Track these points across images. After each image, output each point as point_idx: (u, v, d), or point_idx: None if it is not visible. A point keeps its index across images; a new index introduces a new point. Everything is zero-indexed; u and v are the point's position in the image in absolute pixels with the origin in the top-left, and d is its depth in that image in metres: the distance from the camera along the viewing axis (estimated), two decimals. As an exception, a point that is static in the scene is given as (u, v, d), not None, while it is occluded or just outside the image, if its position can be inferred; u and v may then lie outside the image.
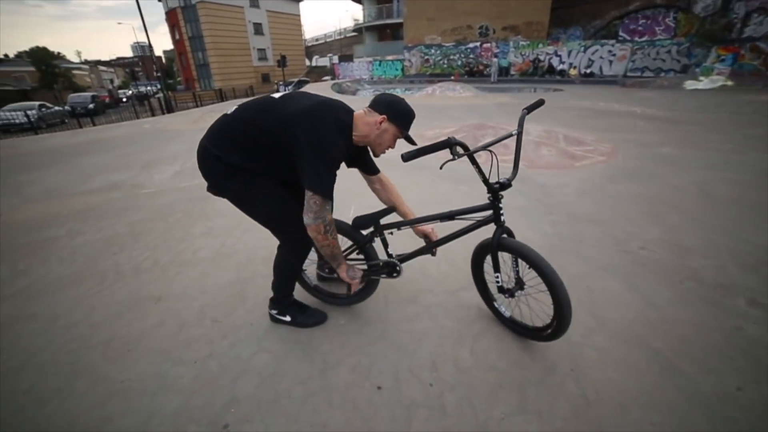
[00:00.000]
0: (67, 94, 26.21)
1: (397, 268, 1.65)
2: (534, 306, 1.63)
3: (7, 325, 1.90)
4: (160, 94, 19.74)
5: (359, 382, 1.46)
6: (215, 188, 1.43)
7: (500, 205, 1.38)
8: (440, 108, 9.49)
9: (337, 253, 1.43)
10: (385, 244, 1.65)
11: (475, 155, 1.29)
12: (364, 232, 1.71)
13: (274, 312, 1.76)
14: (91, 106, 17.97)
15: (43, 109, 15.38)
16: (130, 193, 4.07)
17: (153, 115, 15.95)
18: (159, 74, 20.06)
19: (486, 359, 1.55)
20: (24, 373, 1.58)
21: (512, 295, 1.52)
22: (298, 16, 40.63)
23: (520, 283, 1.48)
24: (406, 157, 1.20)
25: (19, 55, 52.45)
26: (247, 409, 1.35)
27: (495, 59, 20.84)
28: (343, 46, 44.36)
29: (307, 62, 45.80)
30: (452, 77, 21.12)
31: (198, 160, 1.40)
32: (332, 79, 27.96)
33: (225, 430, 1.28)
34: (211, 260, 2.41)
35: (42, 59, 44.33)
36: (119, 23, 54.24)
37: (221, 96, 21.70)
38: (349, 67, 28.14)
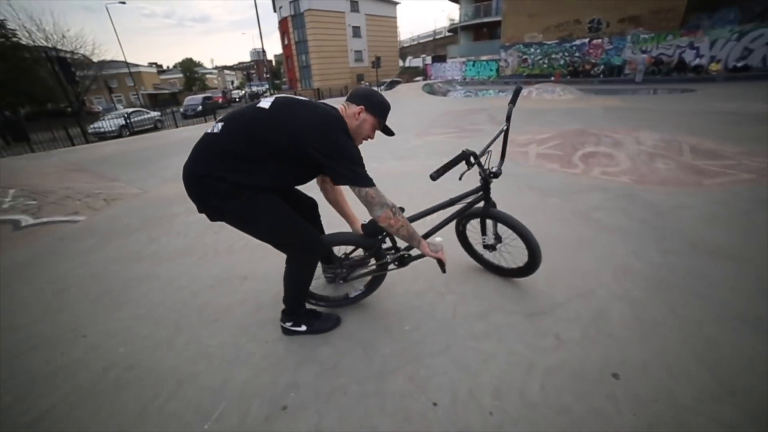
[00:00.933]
0: (200, 94, 31.31)
1: (405, 257, 1.78)
2: (513, 253, 1.99)
3: (141, 280, 2.36)
4: (268, 93, 22.30)
5: (415, 393, 1.41)
6: (214, 212, 1.38)
7: (490, 188, 1.74)
8: (536, 112, 8.76)
9: (413, 231, 1.47)
10: (394, 242, 1.76)
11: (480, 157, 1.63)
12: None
13: (288, 324, 1.71)
14: (199, 108, 19.45)
15: (133, 117, 14.97)
16: None
17: None
18: (268, 75, 22.77)
19: (559, 398, 1.35)
20: (144, 321, 1.92)
21: (494, 249, 1.96)
22: (395, 18, 41.86)
23: (498, 239, 1.92)
24: (435, 176, 1.51)
25: (175, 66, 65.15)
26: (305, 396, 1.42)
27: (643, 54, 17.65)
28: (437, 46, 44.17)
29: (401, 63, 46.88)
30: (552, 78, 19.35)
31: (189, 187, 1.34)
32: (424, 79, 28.07)
33: (284, 411, 1.36)
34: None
35: (188, 67, 54.96)
36: (243, 33, 62.80)
37: (318, 95, 23.66)
38: (441, 68, 27.92)
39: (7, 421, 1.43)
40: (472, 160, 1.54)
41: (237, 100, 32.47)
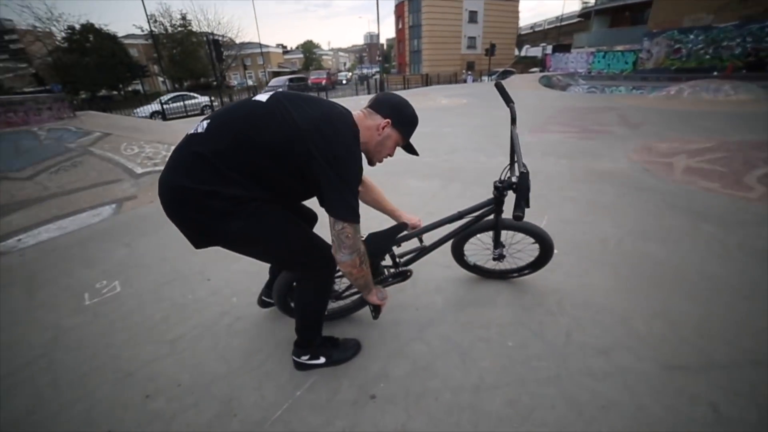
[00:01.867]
0: (317, 71, 33.94)
1: (408, 274, 1.66)
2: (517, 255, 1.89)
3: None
4: (377, 76, 23.00)
5: (515, 421, 1.25)
6: (203, 235, 1.12)
7: (504, 199, 1.57)
8: (687, 115, 7.16)
9: (370, 280, 1.29)
10: (392, 255, 1.61)
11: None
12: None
13: (304, 359, 1.46)
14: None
15: (171, 103, 15.02)
16: None
17: (369, 93, 19.09)
18: (380, 59, 23.39)
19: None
20: (255, 279, 2.13)
21: (503, 257, 1.81)
22: (517, 2, 38.59)
23: (503, 245, 1.78)
24: (519, 216, 1.20)
25: (297, 47, 72.37)
26: (395, 391, 1.38)
27: None
28: (561, 34, 39.59)
29: (516, 52, 43.41)
30: (715, 72, 15.56)
31: (168, 204, 1.08)
32: (541, 71, 25.57)
33: (372, 400, 1.35)
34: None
35: (308, 48, 60.78)
36: (360, 17, 65.85)
37: (426, 80, 23.47)
38: (563, 59, 24.96)
39: (155, 337, 1.73)
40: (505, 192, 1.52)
41: (344, 82, 33.42)
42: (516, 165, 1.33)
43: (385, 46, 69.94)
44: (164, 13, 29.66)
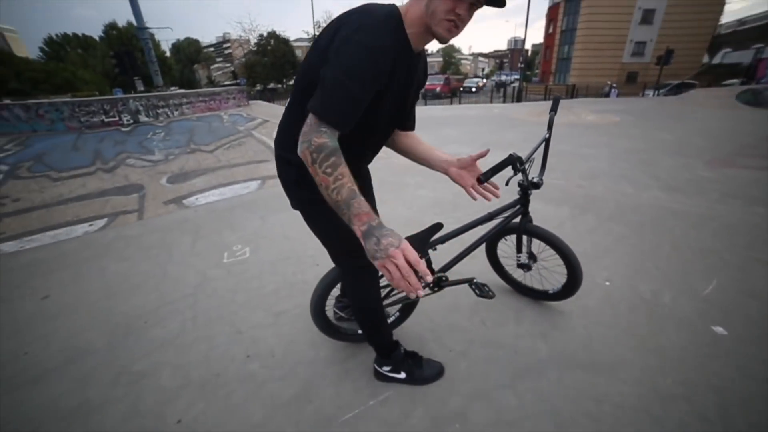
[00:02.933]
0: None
1: (443, 280, 1.56)
2: (545, 275, 1.81)
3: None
4: (515, 84, 21.60)
5: None
6: (294, 203, 1.13)
7: (529, 200, 1.55)
8: None
9: (341, 200, 0.77)
10: (429, 261, 1.45)
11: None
12: None
13: (386, 369, 1.43)
14: None
15: None
16: None
17: (504, 101, 18.02)
18: (522, 66, 21.92)
19: None
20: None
21: (529, 268, 1.76)
22: (722, -7, 30.39)
23: (533, 257, 1.73)
24: (483, 179, 1.23)
25: (438, 51, 74.39)
26: (471, 438, 1.23)
27: None
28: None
29: (706, 59, 34.60)
30: None
31: (278, 174, 1.12)
32: (744, 82, 19.45)
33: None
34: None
35: (447, 52, 61.66)
36: (506, 21, 62.76)
37: (572, 92, 20.92)
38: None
39: (264, 305, 1.98)
40: (518, 165, 1.37)
41: (473, 90, 28.22)
42: (543, 169, 1.48)
43: (529, 53, 65.58)
44: (327, 19, 34.64)
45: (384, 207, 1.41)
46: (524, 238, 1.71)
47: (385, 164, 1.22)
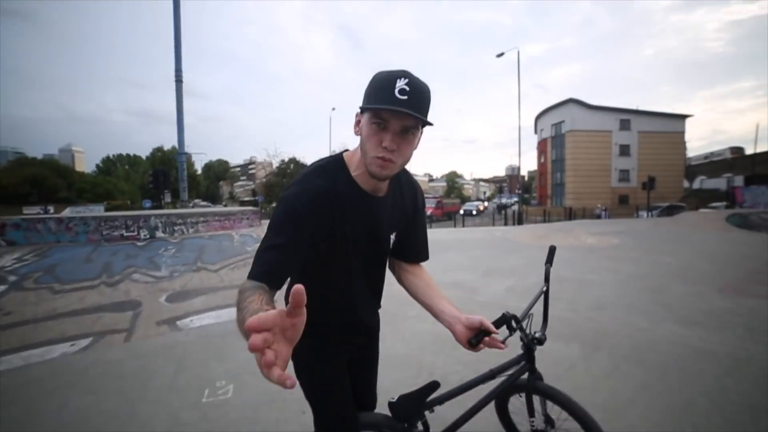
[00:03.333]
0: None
1: None
2: None
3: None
4: (515, 207, 23.13)
5: None
6: None
7: (534, 356, 1.37)
8: None
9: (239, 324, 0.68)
10: (426, 425, 1.30)
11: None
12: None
13: None
14: None
15: None
16: (467, 296, 4.60)
17: (505, 224, 18.92)
18: (520, 190, 23.77)
19: None
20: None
21: None
22: (681, 133, 35.32)
23: (550, 422, 1.44)
24: (474, 342, 1.04)
25: (442, 176, 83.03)
26: None
27: None
28: (758, 163, 32.67)
29: (686, 184, 37.63)
30: None
31: None
32: (727, 207, 20.89)
33: None
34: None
35: (450, 178, 69.49)
36: (503, 152, 72.20)
37: (569, 214, 22.14)
38: (763, 193, 19.93)
39: None
40: (513, 324, 1.22)
41: (473, 213, 29.39)
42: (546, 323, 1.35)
43: (526, 178, 72.57)
44: (341, 146, 40.14)
45: (380, 342, 1.30)
46: (535, 399, 1.49)
47: (385, 292, 1.15)
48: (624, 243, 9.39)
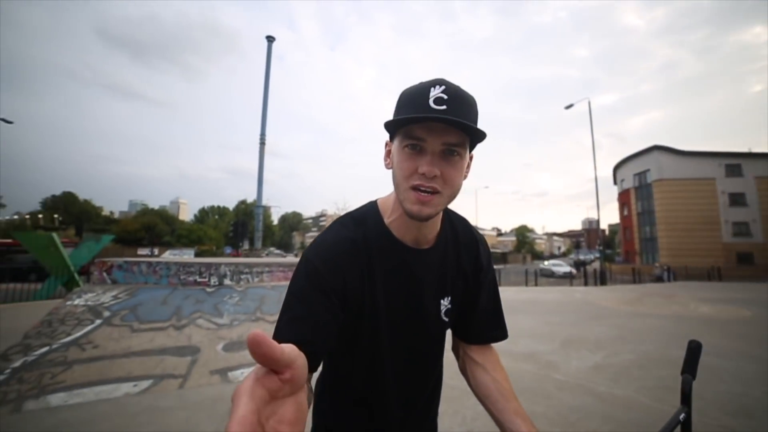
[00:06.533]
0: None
1: None
2: None
3: None
4: (596, 264, 20.44)
5: None
6: None
7: None
8: None
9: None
10: None
11: None
12: None
13: None
14: None
15: None
16: (542, 373, 3.81)
17: (586, 283, 16.50)
18: (601, 246, 21.19)
19: None
20: None
21: None
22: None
23: None
24: None
25: (512, 230, 79.06)
26: None
27: None
28: None
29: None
30: None
31: None
32: None
33: None
34: None
35: (521, 232, 65.91)
36: (578, 205, 67.22)
37: (668, 275, 18.78)
38: None
39: None
40: None
41: (561, 275, 25.67)
42: None
43: (606, 232, 65.13)
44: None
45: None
46: None
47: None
48: (757, 316, 7.37)
